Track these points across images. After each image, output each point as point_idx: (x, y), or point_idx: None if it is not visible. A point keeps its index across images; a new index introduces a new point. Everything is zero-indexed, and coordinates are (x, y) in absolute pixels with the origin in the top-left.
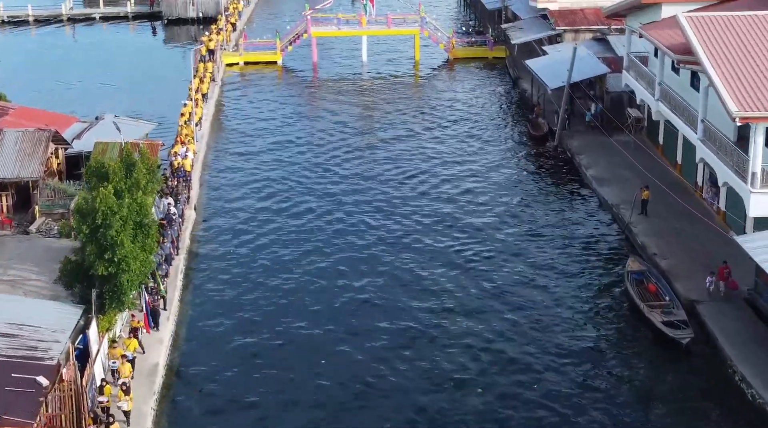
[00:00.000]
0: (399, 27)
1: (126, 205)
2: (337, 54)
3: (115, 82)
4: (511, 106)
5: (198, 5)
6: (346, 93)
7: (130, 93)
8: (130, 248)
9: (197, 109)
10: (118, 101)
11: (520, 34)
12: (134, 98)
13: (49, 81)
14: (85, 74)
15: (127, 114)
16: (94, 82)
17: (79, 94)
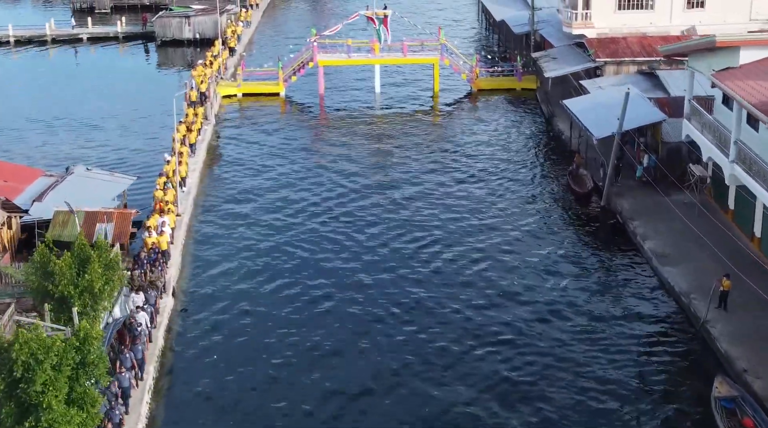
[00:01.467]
0: (416, 55)
1: (57, 348)
2: (347, 84)
3: (97, 119)
4: (545, 152)
5: (194, 25)
6: (356, 131)
7: (112, 133)
8: (61, 411)
9: (181, 167)
10: (97, 143)
11: (554, 65)
12: (116, 140)
13: (21, 117)
14: (63, 108)
15: (105, 161)
16: (72, 118)
17: (53, 134)
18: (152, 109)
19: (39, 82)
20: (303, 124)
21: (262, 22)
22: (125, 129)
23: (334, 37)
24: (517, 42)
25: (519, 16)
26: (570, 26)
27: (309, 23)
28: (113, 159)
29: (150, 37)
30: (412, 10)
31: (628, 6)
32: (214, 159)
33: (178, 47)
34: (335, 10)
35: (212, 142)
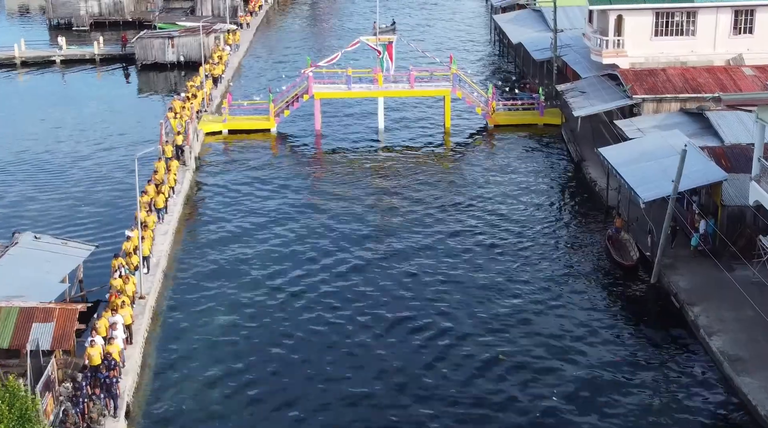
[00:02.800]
0: (425, 86)
1: None
2: (347, 119)
3: (59, 166)
4: (576, 207)
5: (179, 47)
6: (357, 178)
7: (76, 185)
8: None
9: (144, 243)
10: (55, 197)
11: (583, 101)
12: (80, 193)
13: None
14: (21, 152)
15: (63, 223)
16: (30, 165)
17: (6, 184)
18: (126, 151)
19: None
20: (297, 167)
21: (253, 43)
22: (90, 177)
23: (332, 66)
24: (536, 68)
25: (538, 38)
26: (600, 55)
27: (305, 45)
28: (70, 220)
29: (130, 60)
30: (420, 26)
31: (666, 32)
32: (192, 217)
33: (161, 71)
34: (335, 28)
35: (191, 193)
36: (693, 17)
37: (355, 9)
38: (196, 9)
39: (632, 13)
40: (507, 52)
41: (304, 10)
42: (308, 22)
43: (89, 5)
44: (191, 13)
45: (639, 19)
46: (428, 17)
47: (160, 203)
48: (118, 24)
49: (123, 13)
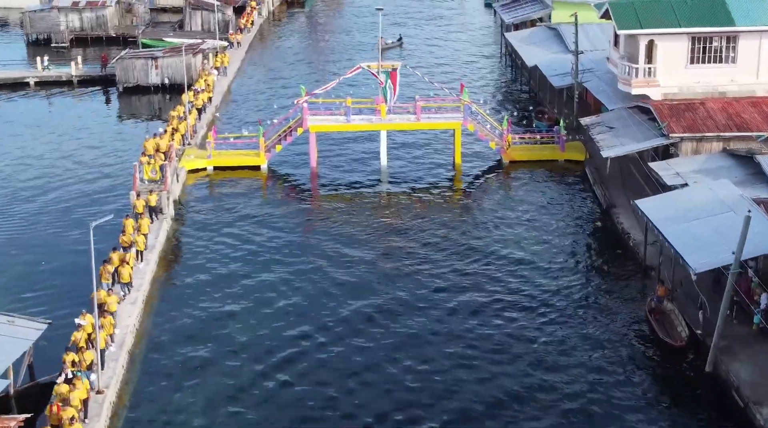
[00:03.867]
0: (433, 118)
1: None
2: (345, 155)
3: (9, 214)
4: (606, 264)
5: (163, 69)
6: (356, 218)
7: (31, 247)
8: None
9: (103, 332)
10: (7, 261)
11: (611, 138)
12: (38, 255)
13: None
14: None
15: (18, 292)
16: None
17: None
18: (97, 199)
19: None
20: (290, 208)
21: (245, 63)
22: (46, 236)
23: (329, 94)
24: (554, 94)
25: (556, 61)
26: (628, 84)
27: (302, 66)
28: (32, 281)
29: (111, 81)
30: (426, 42)
31: (703, 59)
32: (168, 280)
33: (144, 94)
34: (335, 45)
35: (167, 248)
36: (733, 42)
37: (357, 23)
38: (184, 23)
39: (665, 38)
40: (520, 74)
41: (302, 24)
42: (306, 38)
43: (70, 20)
44: (179, 28)
45: (673, 45)
46: (434, 33)
47: (125, 276)
48: (101, 40)
49: (106, 28)
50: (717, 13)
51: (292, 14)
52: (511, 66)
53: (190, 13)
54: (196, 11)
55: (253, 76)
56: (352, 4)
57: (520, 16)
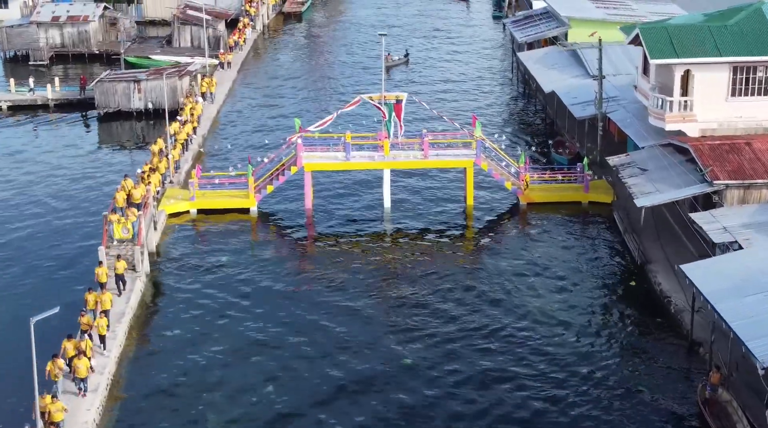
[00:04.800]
0: (442, 156)
1: None
2: (344, 196)
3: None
4: (645, 337)
5: (146, 92)
6: (355, 267)
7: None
8: None
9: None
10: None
11: (645, 182)
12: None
13: None
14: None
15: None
16: None
17: None
18: (61, 254)
19: None
20: (283, 256)
21: (236, 85)
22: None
23: (327, 129)
24: (573, 122)
25: (575, 87)
26: (661, 118)
27: (298, 89)
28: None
29: (91, 105)
30: (430, 60)
31: (746, 92)
32: (138, 358)
33: (126, 120)
34: (335, 62)
35: (140, 314)
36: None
37: (359, 38)
38: (173, 39)
39: (704, 68)
40: (534, 98)
41: (299, 39)
42: (303, 56)
43: (50, 35)
44: (167, 44)
45: (712, 76)
46: (440, 48)
47: (81, 371)
48: (83, 57)
49: (89, 44)
50: (761, 40)
51: (288, 27)
52: (524, 88)
53: (179, 28)
54: (185, 26)
55: (244, 99)
56: (353, 16)
57: (534, 35)
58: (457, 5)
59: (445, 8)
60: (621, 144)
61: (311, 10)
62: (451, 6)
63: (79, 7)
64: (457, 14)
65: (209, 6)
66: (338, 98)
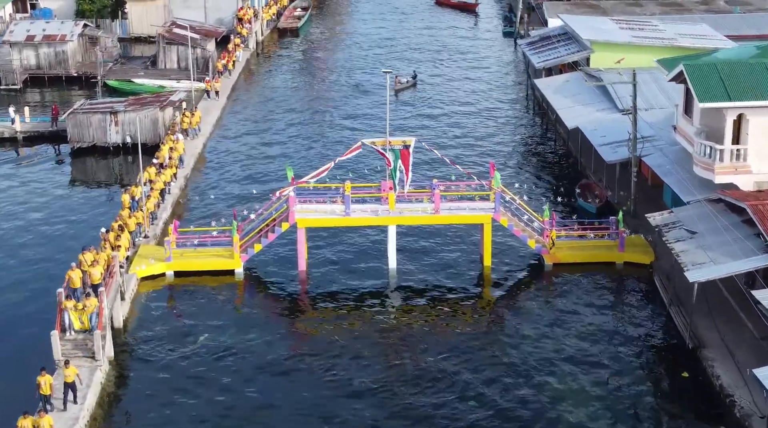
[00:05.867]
0: (456, 210)
1: None
2: (344, 254)
3: None
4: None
5: (124, 125)
6: (355, 339)
7: None
8: None
9: None
10: None
11: (695, 250)
12: None
13: None
14: None
15: None
16: None
17: None
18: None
19: None
20: (273, 327)
21: (225, 115)
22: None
23: (324, 178)
24: (600, 161)
25: (603, 123)
26: (710, 169)
27: (292, 125)
28: None
29: (64, 138)
30: (440, 84)
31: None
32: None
33: (102, 156)
34: (335, 85)
35: (102, 407)
36: None
37: (361, 58)
38: (158, 60)
39: (761, 113)
40: (554, 131)
41: (296, 59)
42: (299, 79)
43: (24, 56)
44: (152, 66)
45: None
46: (448, 69)
47: None
48: (60, 80)
49: (66, 66)
50: None
51: (284, 44)
52: (541, 120)
53: (165, 48)
54: (171, 46)
55: (232, 133)
56: (354, 31)
57: (552, 60)
58: (465, 18)
59: (451, 22)
60: (656, 189)
61: (309, 24)
62: (457, 20)
63: (56, 25)
64: (464, 29)
65: (198, 23)
66: (337, 132)
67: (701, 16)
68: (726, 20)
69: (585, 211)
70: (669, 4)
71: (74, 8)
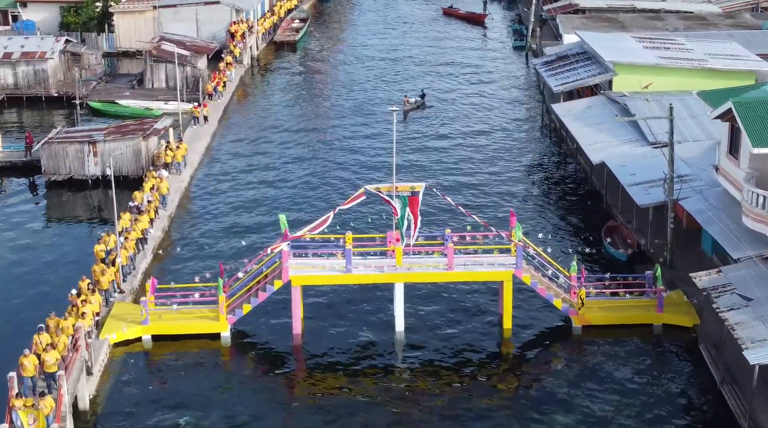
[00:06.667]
0: (472, 266)
1: None
2: (344, 315)
3: None
4: None
5: (103, 156)
6: (356, 414)
7: None
8: None
9: None
10: None
11: (751, 321)
12: None
13: None
14: None
15: None
16: None
17: None
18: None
19: None
20: (264, 400)
21: (214, 142)
22: None
23: (324, 230)
24: (628, 199)
25: (632, 157)
26: (763, 221)
27: (288, 156)
28: None
29: (39, 169)
30: (448, 104)
31: None
32: None
33: (80, 190)
34: (336, 108)
35: None
36: None
37: (364, 74)
38: (145, 79)
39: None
40: (574, 161)
41: (293, 75)
42: (297, 98)
43: (1, 75)
44: (139, 85)
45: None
46: (456, 86)
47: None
48: (40, 101)
49: (47, 85)
50: None
51: (281, 60)
52: (559, 147)
53: (152, 66)
54: (159, 64)
55: (222, 166)
56: (355, 45)
57: (572, 83)
58: (472, 31)
59: (458, 34)
60: (693, 233)
61: (307, 37)
62: (465, 32)
63: (36, 41)
64: (472, 42)
65: (189, 38)
66: (339, 163)
67: (729, 33)
68: (756, 37)
69: (614, 259)
70: (691, 18)
71: (59, 20)
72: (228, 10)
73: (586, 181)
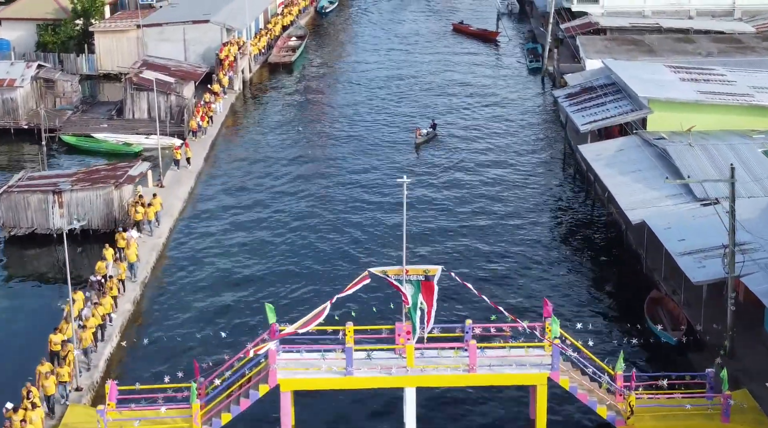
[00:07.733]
0: (498, 367)
1: None
2: (344, 418)
3: None
4: None
5: (70, 207)
6: None
7: None
8: None
9: None
10: None
11: None
12: None
13: None
14: None
15: None
16: None
17: None
18: None
19: None
20: None
21: (195, 193)
22: None
23: (322, 321)
24: (670, 266)
25: (678, 217)
26: None
27: (280, 207)
28: None
29: None
30: (459, 136)
31: None
32: None
33: (43, 246)
34: (337, 144)
35: None
36: None
37: (366, 101)
38: (125, 109)
39: None
40: (603, 211)
41: (289, 102)
42: (293, 130)
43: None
44: (118, 115)
45: None
46: (469, 115)
47: None
48: (9, 133)
49: (16, 116)
50: None
51: (275, 83)
52: (586, 193)
53: (132, 95)
54: (140, 92)
55: (202, 221)
56: (355, 65)
57: (600, 121)
58: (483, 49)
59: (468, 53)
60: (754, 310)
61: (304, 57)
62: (475, 50)
63: (5, 67)
64: (484, 63)
65: (174, 62)
66: (339, 214)
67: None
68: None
69: (660, 342)
70: (725, 41)
71: (35, 40)
72: (218, 29)
73: (621, 237)
